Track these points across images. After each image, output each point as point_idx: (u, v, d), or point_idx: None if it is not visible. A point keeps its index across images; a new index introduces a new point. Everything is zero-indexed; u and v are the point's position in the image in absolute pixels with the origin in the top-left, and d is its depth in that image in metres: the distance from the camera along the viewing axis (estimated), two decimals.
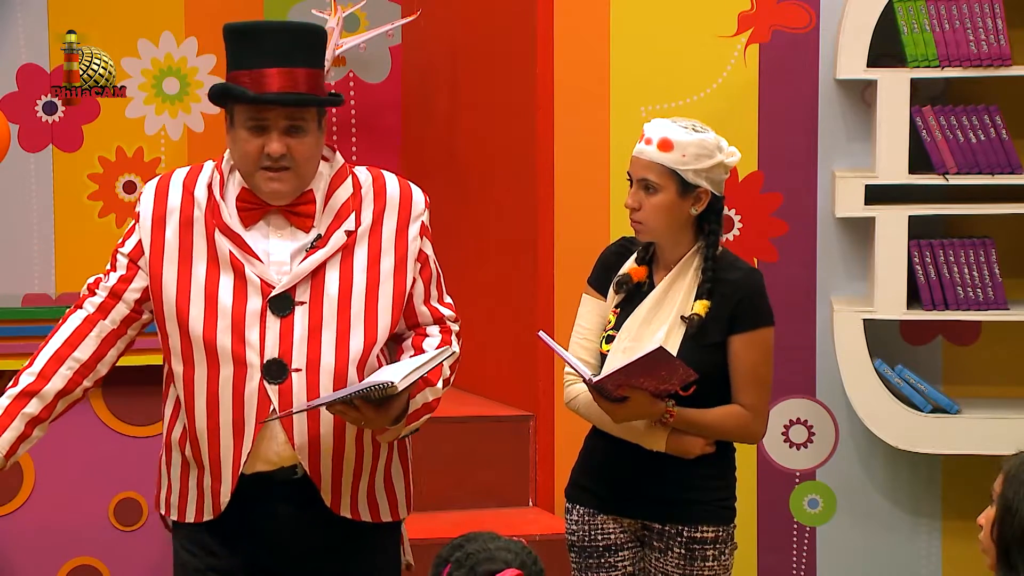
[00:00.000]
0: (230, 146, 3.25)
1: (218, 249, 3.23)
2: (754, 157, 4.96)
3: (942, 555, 5.03)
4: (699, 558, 3.60)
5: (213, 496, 3.28)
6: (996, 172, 4.73)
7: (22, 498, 4.67)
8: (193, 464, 3.30)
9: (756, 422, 3.62)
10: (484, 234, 5.48)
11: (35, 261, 5.73)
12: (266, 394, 3.21)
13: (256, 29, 3.24)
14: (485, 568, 2.49)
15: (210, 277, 3.22)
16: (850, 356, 4.78)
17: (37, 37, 5.56)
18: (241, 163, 3.22)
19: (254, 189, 3.24)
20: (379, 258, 3.30)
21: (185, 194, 3.27)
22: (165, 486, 3.38)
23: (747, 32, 4.93)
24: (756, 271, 3.67)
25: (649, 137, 3.57)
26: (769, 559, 5.04)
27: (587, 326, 3.68)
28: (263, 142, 3.18)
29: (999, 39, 4.68)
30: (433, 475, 5.12)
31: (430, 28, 5.71)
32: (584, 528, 3.68)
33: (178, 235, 3.25)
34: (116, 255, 3.32)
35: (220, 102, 3.23)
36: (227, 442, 3.23)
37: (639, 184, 3.57)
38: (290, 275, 3.22)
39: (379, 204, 3.34)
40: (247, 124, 3.19)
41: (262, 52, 3.18)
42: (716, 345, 3.56)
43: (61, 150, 5.68)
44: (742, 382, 3.57)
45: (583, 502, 3.70)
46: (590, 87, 4.95)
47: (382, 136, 5.90)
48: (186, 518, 3.33)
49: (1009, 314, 4.76)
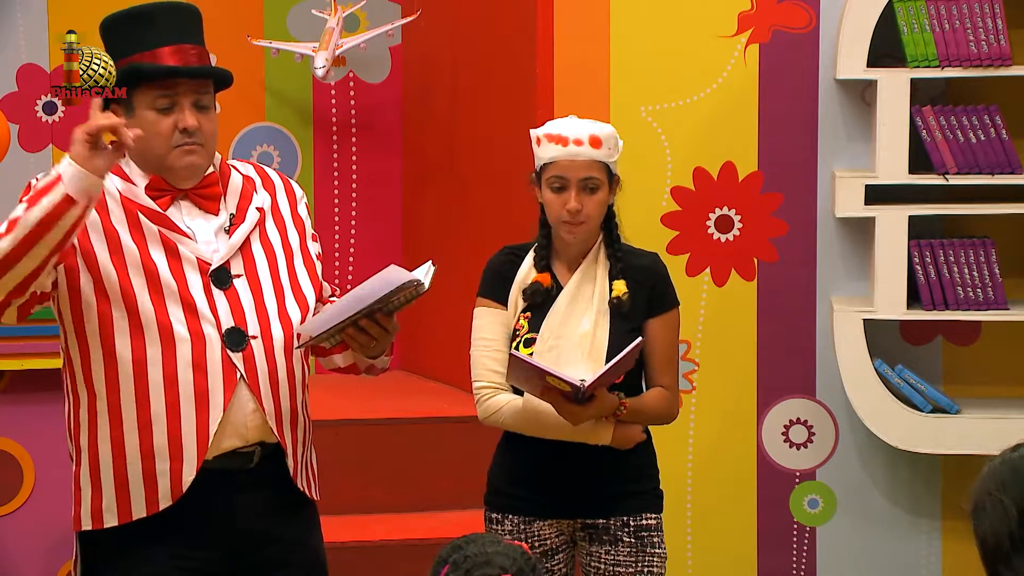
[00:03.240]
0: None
1: (145, 229, 3.22)
2: (754, 157, 4.96)
3: (942, 555, 5.03)
4: (648, 545, 3.63)
5: (172, 479, 3.19)
6: (996, 172, 4.73)
7: (22, 498, 4.67)
8: (135, 457, 3.19)
9: (675, 402, 3.69)
10: (484, 234, 5.47)
11: None
12: (231, 362, 3.21)
13: (147, 11, 3.27)
14: (481, 572, 2.49)
15: (145, 256, 3.20)
16: (850, 356, 4.78)
17: (37, 37, 5.56)
18: (153, 145, 3.22)
19: (165, 170, 3.25)
20: (286, 234, 3.37)
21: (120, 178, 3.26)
22: (88, 496, 3.24)
23: (747, 32, 4.93)
24: (657, 255, 3.73)
25: (577, 138, 3.58)
26: (769, 559, 5.04)
27: (493, 337, 3.66)
28: (175, 119, 3.22)
29: (999, 39, 4.68)
30: (433, 475, 5.13)
31: (430, 28, 5.71)
32: (520, 537, 3.64)
33: (100, 221, 3.20)
34: None
35: (128, 83, 3.21)
36: (189, 418, 3.19)
37: (580, 185, 3.58)
38: (226, 248, 3.26)
39: (268, 186, 3.41)
40: (156, 104, 3.22)
41: (158, 32, 3.24)
42: (637, 328, 3.59)
43: (61, 150, 5.68)
44: (661, 364, 3.63)
45: (516, 511, 3.66)
46: (590, 87, 4.95)
47: (382, 136, 5.90)
48: (132, 516, 3.21)
49: (1009, 314, 4.76)
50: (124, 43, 3.25)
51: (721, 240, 4.96)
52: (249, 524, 3.29)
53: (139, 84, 3.23)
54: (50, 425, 4.59)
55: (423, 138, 5.84)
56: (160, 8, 3.30)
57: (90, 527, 3.26)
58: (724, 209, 4.97)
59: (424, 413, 5.29)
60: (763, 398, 5.01)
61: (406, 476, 5.12)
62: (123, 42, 3.26)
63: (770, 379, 4.98)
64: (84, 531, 3.27)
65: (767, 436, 5.03)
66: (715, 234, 4.96)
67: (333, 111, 5.84)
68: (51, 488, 4.79)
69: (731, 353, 4.96)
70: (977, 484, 2.37)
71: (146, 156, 3.25)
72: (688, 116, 4.92)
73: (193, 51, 3.27)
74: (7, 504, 4.67)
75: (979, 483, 2.37)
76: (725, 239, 4.96)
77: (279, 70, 5.80)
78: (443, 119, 5.72)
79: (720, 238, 4.96)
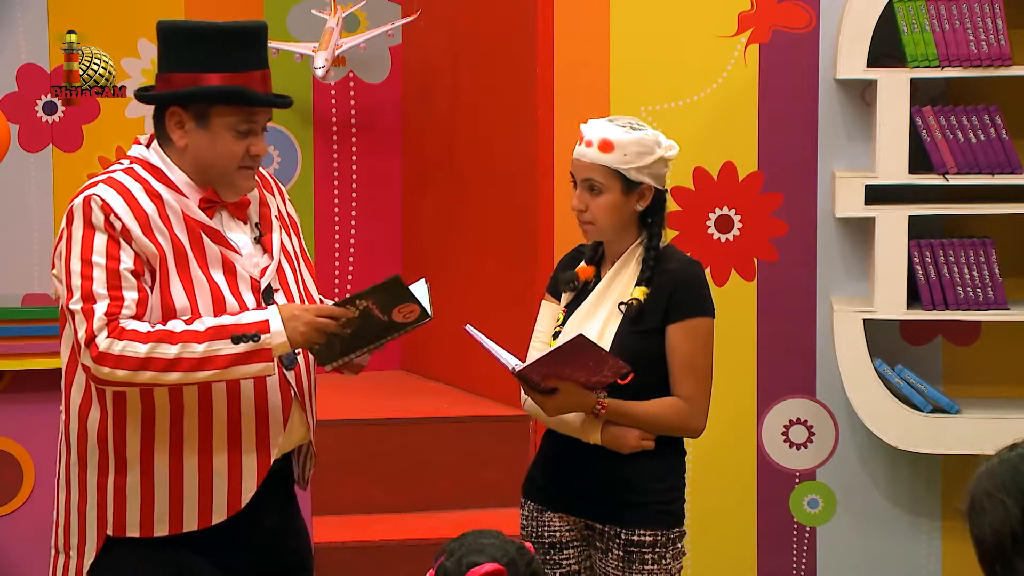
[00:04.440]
0: (198, 146, 3.21)
1: (207, 249, 3.22)
2: (754, 157, 4.96)
3: (942, 555, 5.03)
4: (636, 561, 3.55)
5: (231, 496, 3.21)
6: (996, 172, 4.73)
7: (22, 498, 4.67)
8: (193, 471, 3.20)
9: (695, 414, 3.59)
10: (484, 234, 5.47)
11: (35, 261, 5.73)
12: (286, 381, 3.24)
13: (242, 31, 3.25)
14: (470, 560, 2.50)
15: (210, 279, 3.20)
16: (850, 356, 4.78)
17: (37, 37, 5.55)
18: (220, 162, 3.22)
19: (223, 186, 3.24)
20: (291, 238, 3.39)
21: (151, 197, 3.20)
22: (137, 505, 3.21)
23: (747, 32, 4.93)
24: (695, 262, 3.69)
25: (589, 139, 3.57)
26: (769, 559, 5.04)
27: (542, 329, 3.71)
28: (248, 143, 3.22)
29: (999, 39, 4.68)
30: (433, 475, 5.13)
31: (430, 28, 5.71)
32: (532, 524, 3.68)
33: (169, 239, 3.18)
34: (119, 273, 3.12)
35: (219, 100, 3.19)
36: (250, 436, 3.21)
37: (583, 185, 3.59)
38: (268, 264, 3.28)
39: (268, 188, 3.42)
40: (238, 127, 3.21)
41: (247, 55, 3.23)
42: (652, 331, 3.56)
43: (61, 150, 5.68)
44: (679, 372, 3.56)
45: (533, 498, 3.70)
46: (590, 87, 4.95)
47: (382, 136, 5.89)
48: (183, 528, 3.22)
49: (1009, 314, 4.75)
50: (212, 58, 3.20)
51: (721, 240, 4.96)
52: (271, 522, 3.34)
53: (220, 102, 3.20)
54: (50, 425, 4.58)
55: (423, 138, 5.84)
56: (253, 31, 3.28)
57: (137, 535, 3.23)
58: (724, 209, 4.97)
59: (424, 413, 5.29)
60: (763, 398, 5.01)
61: (406, 476, 5.12)
62: (211, 56, 3.20)
63: (770, 379, 4.99)
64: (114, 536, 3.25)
65: (767, 436, 5.03)
66: (715, 234, 4.96)
67: (333, 111, 5.84)
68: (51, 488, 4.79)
69: (731, 353, 4.96)
70: (974, 484, 2.36)
71: (208, 172, 3.24)
72: (688, 116, 4.92)
73: (269, 77, 3.29)
74: (7, 504, 4.66)
75: (976, 483, 2.36)
76: (725, 239, 4.96)
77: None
78: (443, 119, 5.72)
79: (720, 238, 4.96)
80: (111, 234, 3.13)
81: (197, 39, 3.22)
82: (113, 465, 3.22)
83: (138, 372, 3.05)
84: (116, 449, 3.21)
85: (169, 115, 3.22)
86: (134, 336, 3.05)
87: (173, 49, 3.24)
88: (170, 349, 3.05)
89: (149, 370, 3.05)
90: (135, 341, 3.05)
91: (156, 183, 3.21)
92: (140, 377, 3.06)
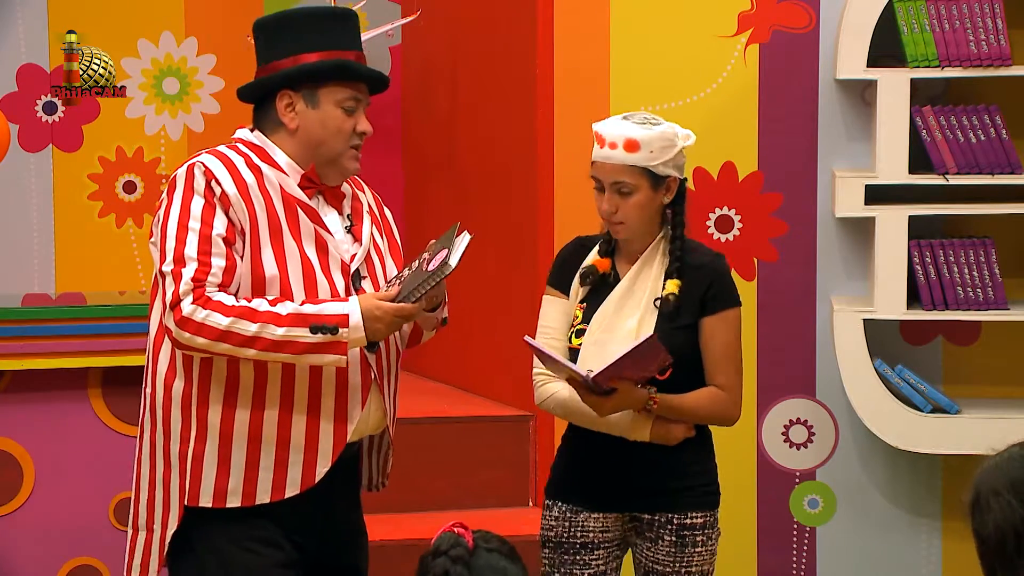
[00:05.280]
0: (310, 126, 3.28)
1: (302, 224, 3.27)
2: (754, 157, 4.96)
3: (942, 555, 5.03)
4: (689, 544, 3.63)
5: (305, 469, 3.25)
6: (996, 172, 4.73)
7: (22, 498, 4.67)
8: (270, 441, 3.23)
9: (732, 403, 3.66)
10: (484, 234, 5.47)
11: (35, 261, 5.74)
12: (367, 363, 3.29)
13: (342, 13, 3.36)
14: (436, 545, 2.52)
15: (303, 253, 3.25)
16: (850, 356, 4.78)
17: (37, 37, 5.56)
18: (331, 140, 3.30)
19: (329, 166, 3.32)
20: (381, 232, 3.46)
21: (251, 169, 3.27)
22: (212, 474, 3.25)
23: (747, 32, 4.93)
24: (721, 255, 3.72)
25: (612, 141, 3.56)
26: (769, 559, 5.04)
27: (552, 325, 3.68)
28: (355, 121, 3.32)
29: (999, 39, 4.68)
30: (433, 475, 5.13)
31: (430, 28, 5.71)
32: (564, 525, 3.67)
33: (265, 211, 3.24)
34: (211, 239, 3.18)
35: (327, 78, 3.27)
36: (328, 411, 3.25)
37: (612, 188, 3.58)
38: (359, 251, 3.35)
39: (358, 185, 3.50)
40: (345, 104, 3.31)
41: (348, 34, 3.34)
42: (688, 327, 3.60)
43: (61, 150, 5.69)
44: (717, 363, 3.61)
45: (567, 499, 3.69)
46: (590, 87, 4.95)
47: (382, 136, 5.89)
48: (256, 500, 3.25)
49: (1009, 314, 4.75)
50: (320, 37, 3.30)
51: (721, 240, 4.96)
52: (342, 513, 3.40)
53: (329, 80, 3.29)
54: (50, 425, 4.59)
55: (423, 138, 5.84)
56: (346, 13, 3.39)
57: (209, 505, 3.27)
58: (724, 209, 4.97)
59: (424, 413, 5.29)
60: (763, 398, 5.01)
61: (406, 476, 5.11)
62: (319, 37, 3.30)
63: (770, 379, 4.99)
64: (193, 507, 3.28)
65: (767, 436, 5.03)
66: (715, 234, 4.96)
67: None
68: (51, 488, 4.80)
69: None
70: (979, 479, 2.35)
71: (318, 151, 3.31)
72: (688, 116, 4.92)
73: (364, 60, 3.38)
74: (7, 504, 4.66)
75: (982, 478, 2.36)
76: (725, 239, 4.96)
77: None
78: (443, 119, 5.72)
79: (720, 238, 4.96)
80: (208, 199, 3.20)
81: (295, 24, 3.32)
82: (194, 433, 3.26)
83: (216, 343, 3.13)
84: (199, 416, 3.25)
85: (279, 99, 3.30)
86: (218, 307, 3.12)
87: (273, 39, 3.32)
88: (250, 327, 3.12)
89: (227, 343, 3.12)
90: (218, 312, 3.12)
91: (257, 159, 3.29)
92: (217, 347, 3.13)
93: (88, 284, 5.77)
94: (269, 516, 3.28)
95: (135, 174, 5.83)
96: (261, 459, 3.24)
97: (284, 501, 3.26)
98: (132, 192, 5.82)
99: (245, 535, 3.28)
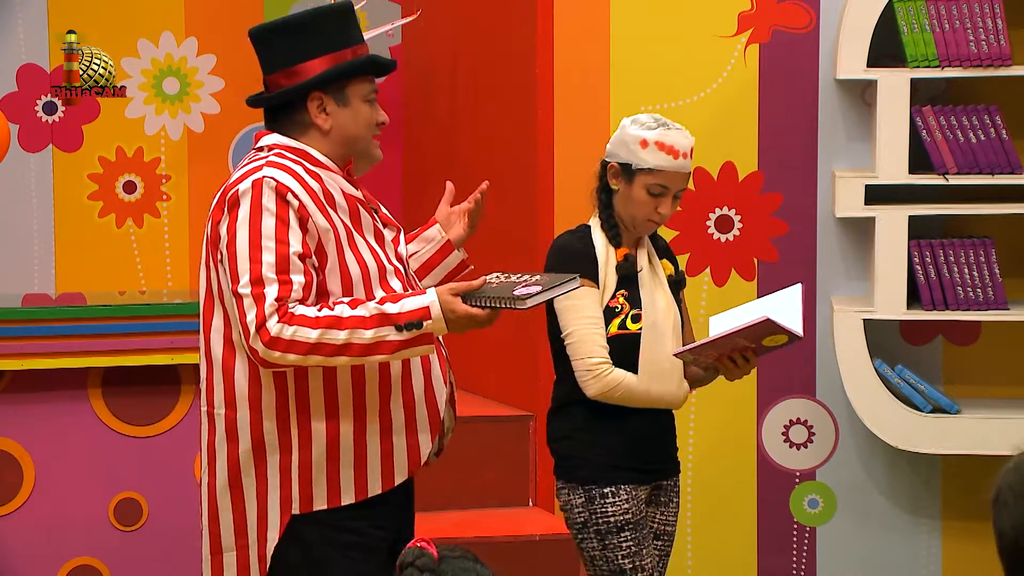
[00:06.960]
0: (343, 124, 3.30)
1: (363, 220, 3.30)
2: (754, 157, 4.96)
3: (942, 555, 5.03)
4: (679, 502, 3.93)
5: (410, 453, 3.30)
6: (996, 172, 4.73)
7: (22, 498, 4.67)
8: (375, 432, 3.25)
9: None
10: (484, 234, 5.47)
11: (35, 261, 5.74)
12: (442, 352, 3.36)
13: (347, 8, 3.37)
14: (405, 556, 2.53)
15: (372, 248, 3.29)
16: (850, 356, 4.78)
17: (37, 37, 5.56)
18: (363, 133, 3.34)
19: (361, 159, 3.36)
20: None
21: (312, 176, 3.25)
22: (324, 478, 3.24)
23: (747, 32, 4.93)
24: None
25: (684, 151, 3.73)
26: (769, 559, 5.04)
27: (597, 315, 3.75)
28: (375, 112, 3.35)
29: (999, 39, 4.68)
30: (433, 475, 5.11)
31: (430, 28, 5.71)
32: (637, 504, 3.76)
33: (338, 215, 3.25)
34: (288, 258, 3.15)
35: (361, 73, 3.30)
36: (419, 388, 3.30)
37: (676, 194, 3.76)
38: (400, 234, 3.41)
39: None
40: (368, 96, 3.34)
41: (355, 27, 3.36)
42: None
43: (61, 150, 5.69)
44: (691, 329, 3.95)
45: (630, 480, 3.77)
46: (590, 87, 4.95)
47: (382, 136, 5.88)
48: (369, 492, 3.27)
49: (1009, 314, 4.76)
50: (340, 35, 3.31)
51: (721, 240, 4.96)
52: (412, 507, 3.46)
53: (353, 76, 3.30)
54: (50, 425, 4.59)
55: (423, 138, 5.84)
56: (349, 4, 3.40)
57: (324, 507, 3.26)
58: (724, 209, 4.97)
59: None
60: (763, 398, 5.01)
61: None
62: (339, 34, 3.31)
63: (770, 379, 4.98)
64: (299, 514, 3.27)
65: (767, 436, 5.03)
66: (715, 234, 4.96)
67: None
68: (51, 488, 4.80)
69: None
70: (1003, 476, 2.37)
71: (353, 145, 3.34)
72: (688, 116, 4.91)
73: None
74: (7, 504, 4.66)
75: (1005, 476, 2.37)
76: (725, 239, 4.96)
77: None
78: (443, 119, 5.72)
79: (720, 238, 4.97)
80: (281, 216, 3.15)
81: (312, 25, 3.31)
82: (296, 442, 3.24)
83: (308, 356, 3.11)
84: (300, 424, 3.24)
85: (311, 100, 3.28)
86: (304, 321, 3.10)
87: (290, 43, 3.31)
88: (339, 335, 3.11)
89: (319, 354, 3.11)
90: (305, 326, 3.10)
91: (309, 164, 3.28)
92: (310, 360, 3.12)
93: (88, 284, 5.77)
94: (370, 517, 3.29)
95: (135, 174, 5.83)
96: (368, 452, 3.26)
97: (385, 495, 3.29)
98: (132, 192, 5.82)
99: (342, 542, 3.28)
